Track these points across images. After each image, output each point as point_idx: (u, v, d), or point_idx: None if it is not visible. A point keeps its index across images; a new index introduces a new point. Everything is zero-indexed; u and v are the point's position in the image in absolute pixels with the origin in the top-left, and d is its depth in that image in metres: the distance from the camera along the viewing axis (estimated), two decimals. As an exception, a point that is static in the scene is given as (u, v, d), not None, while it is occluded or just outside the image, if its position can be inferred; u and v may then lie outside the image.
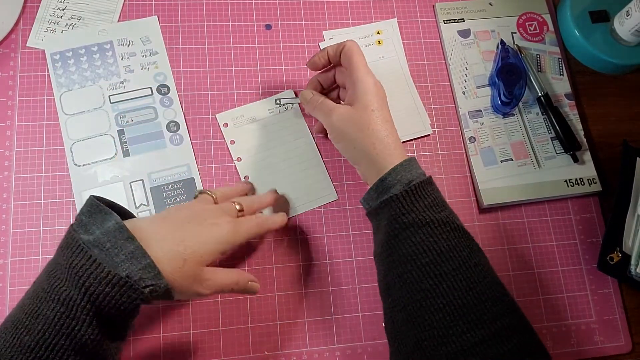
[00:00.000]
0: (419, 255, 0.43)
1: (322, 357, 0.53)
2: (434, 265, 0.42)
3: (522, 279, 0.58)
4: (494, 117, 0.62)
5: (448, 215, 0.45)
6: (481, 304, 0.40)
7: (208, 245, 0.44)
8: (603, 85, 0.67)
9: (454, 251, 0.43)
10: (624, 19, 0.63)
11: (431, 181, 0.47)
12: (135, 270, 0.38)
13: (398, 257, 0.44)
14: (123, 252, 0.39)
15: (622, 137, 0.64)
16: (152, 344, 0.51)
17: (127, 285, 0.38)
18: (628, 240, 0.58)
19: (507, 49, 0.63)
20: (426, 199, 0.45)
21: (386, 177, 0.46)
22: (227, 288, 0.46)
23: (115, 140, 0.56)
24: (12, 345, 0.36)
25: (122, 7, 0.60)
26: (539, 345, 0.40)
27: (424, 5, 0.66)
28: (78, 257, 0.37)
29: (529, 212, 0.60)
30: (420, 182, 0.45)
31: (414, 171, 0.46)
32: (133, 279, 0.38)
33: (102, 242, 0.39)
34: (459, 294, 0.41)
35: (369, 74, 0.50)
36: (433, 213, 0.44)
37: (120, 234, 0.39)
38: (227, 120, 0.59)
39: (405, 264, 0.43)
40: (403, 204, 0.45)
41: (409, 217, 0.44)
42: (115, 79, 0.58)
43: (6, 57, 0.57)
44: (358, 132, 0.48)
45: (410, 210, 0.44)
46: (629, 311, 0.58)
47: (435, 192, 0.46)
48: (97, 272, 0.37)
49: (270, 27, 0.63)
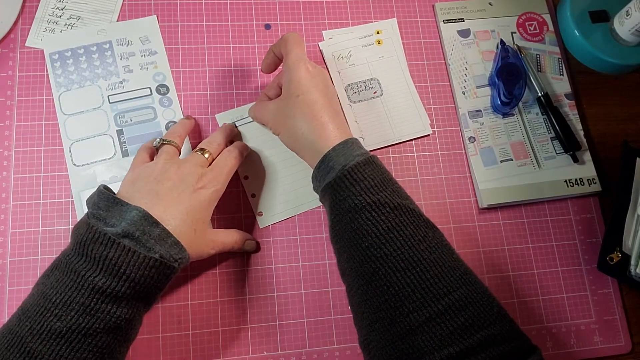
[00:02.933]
0: (359, 240, 0.43)
1: (321, 357, 0.53)
2: (374, 249, 0.42)
3: (522, 279, 0.58)
4: (494, 117, 0.62)
5: (387, 196, 0.44)
6: (426, 282, 0.40)
7: (206, 209, 0.48)
8: (603, 85, 0.66)
9: (394, 231, 0.42)
10: (623, 19, 0.63)
11: (370, 161, 0.46)
12: (165, 250, 0.43)
13: (343, 242, 0.45)
14: (152, 237, 0.43)
15: (622, 137, 0.64)
16: (152, 344, 0.51)
17: (163, 264, 0.42)
18: (628, 240, 0.58)
19: (507, 49, 0.63)
20: (363, 181, 0.44)
21: (320, 164, 0.47)
22: (228, 247, 0.52)
23: (114, 140, 0.56)
24: (38, 332, 0.38)
25: (121, 7, 0.60)
26: (497, 317, 0.39)
27: (424, 5, 0.66)
28: (112, 250, 0.40)
29: (528, 212, 0.60)
30: (354, 165, 0.45)
31: (349, 154, 0.46)
32: (165, 258, 0.43)
33: (131, 232, 0.42)
34: (401, 274, 0.41)
35: (300, 61, 0.50)
36: (371, 195, 0.44)
37: (146, 221, 0.43)
38: (227, 120, 0.59)
39: (349, 249, 0.44)
40: (339, 190, 0.45)
41: (346, 203, 0.44)
42: (115, 78, 0.58)
43: (5, 57, 0.57)
44: (286, 120, 0.50)
45: (347, 196, 0.44)
46: (628, 311, 0.58)
47: (374, 172, 0.45)
48: (134, 260, 0.41)
49: (270, 27, 0.63)
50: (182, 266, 0.45)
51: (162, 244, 0.43)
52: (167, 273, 0.43)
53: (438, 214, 0.59)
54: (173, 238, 0.44)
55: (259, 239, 0.56)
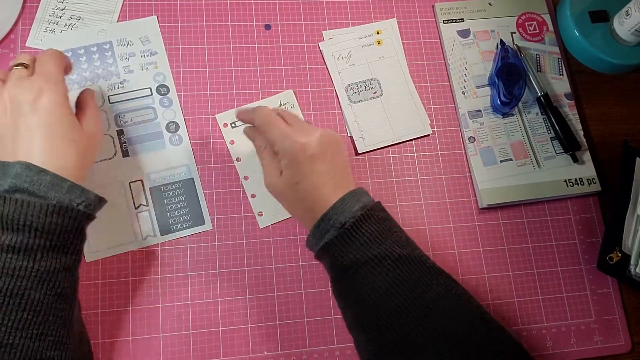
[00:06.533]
0: (364, 296, 0.43)
1: (322, 357, 0.53)
2: (381, 304, 0.42)
3: (522, 279, 0.58)
4: (494, 117, 0.62)
5: (388, 248, 0.43)
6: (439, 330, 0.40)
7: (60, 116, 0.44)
8: (603, 85, 0.66)
9: (398, 284, 0.42)
10: (623, 19, 0.63)
11: (369, 214, 0.44)
12: (63, 195, 0.41)
13: (347, 299, 0.45)
14: (43, 185, 0.41)
15: (622, 137, 0.64)
16: (152, 344, 0.51)
17: (63, 209, 0.41)
18: (628, 240, 0.58)
19: (507, 49, 0.63)
20: (362, 237, 0.43)
21: (319, 223, 0.45)
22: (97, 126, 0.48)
23: (114, 140, 0.56)
24: None
25: (122, 7, 0.60)
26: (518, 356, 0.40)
27: (424, 5, 0.66)
28: (6, 206, 0.39)
29: (528, 212, 0.60)
30: (353, 222, 0.44)
31: (347, 210, 0.44)
32: (64, 202, 0.41)
33: (19, 185, 0.40)
34: (414, 325, 0.41)
35: (286, 138, 0.46)
36: (371, 250, 0.43)
37: (31, 172, 0.41)
38: (227, 120, 0.59)
39: (354, 306, 0.44)
40: (338, 248, 0.44)
41: (347, 260, 0.44)
42: (115, 79, 0.58)
43: (5, 57, 0.57)
44: (289, 204, 0.49)
45: (348, 252, 0.44)
46: (628, 311, 0.59)
47: (373, 226, 0.44)
48: (30, 210, 0.40)
49: (270, 27, 0.63)
50: (91, 207, 0.44)
51: (58, 189, 0.41)
52: (74, 217, 0.42)
53: (438, 214, 0.59)
54: (69, 182, 0.42)
55: (259, 239, 0.56)
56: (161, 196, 0.55)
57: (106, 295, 0.52)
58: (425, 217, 0.59)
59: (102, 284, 0.52)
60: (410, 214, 0.58)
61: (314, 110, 0.60)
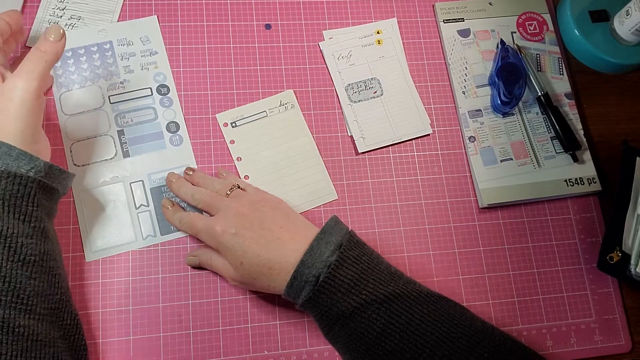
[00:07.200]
0: (357, 344, 0.43)
1: (322, 356, 0.53)
2: (375, 349, 0.42)
3: (522, 278, 0.58)
4: (494, 117, 0.62)
5: (371, 291, 0.43)
6: (440, 358, 0.40)
7: (25, 106, 0.44)
8: (603, 85, 0.66)
9: (389, 326, 0.42)
10: (623, 19, 0.63)
11: (343, 257, 0.43)
12: (11, 162, 0.43)
13: (340, 346, 0.45)
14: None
15: (622, 136, 0.64)
16: (153, 343, 0.51)
17: (12, 175, 0.42)
18: (628, 239, 0.58)
19: (507, 49, 0.63)
20: (342, 285, 0.43)
21: (292, 282, 0.44)
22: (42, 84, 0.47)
23: (115, 140, 0.56)
24: None
25: (122, 7, 0.60)
26: None
27: (424, 4, 0.66)
28: None
29: (528, 212, 0.60)
30: (329, 272, 0.43)
31: (318, 261, 0.44)
32: (12, 168, 0.43)
33: None
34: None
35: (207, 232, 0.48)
36: (354, 298, 0.43)
37: None
38: (227, 120, 0.59)
39: (349, 352, 0.44)
40: (320, 301, 0.44)
41: (333, 312, 0.43)
42: (115, 79, 0.58)
43: (6, 57, 0.57)
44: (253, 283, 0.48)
45: (331, 305, 0.43)
46: (628, 311, 0.59)
47: (350, 269, 0.43)
48: None
49: (270, 26, 0.63)
50: (42, 174, 0.44)
51: (5, 158, 0.42)
52: (23, 183, 0.43)
53: (438, 213, 0.59)
54: (17, 150, 0.43)
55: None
56: (162, 196, 0.55)
57: (106, 295, 0.52)
58: (425, 216, 0.59)
59: (102, 283, 0.52)
60: (411, 214, 0.59)
61: (314, 110, 0.61)
